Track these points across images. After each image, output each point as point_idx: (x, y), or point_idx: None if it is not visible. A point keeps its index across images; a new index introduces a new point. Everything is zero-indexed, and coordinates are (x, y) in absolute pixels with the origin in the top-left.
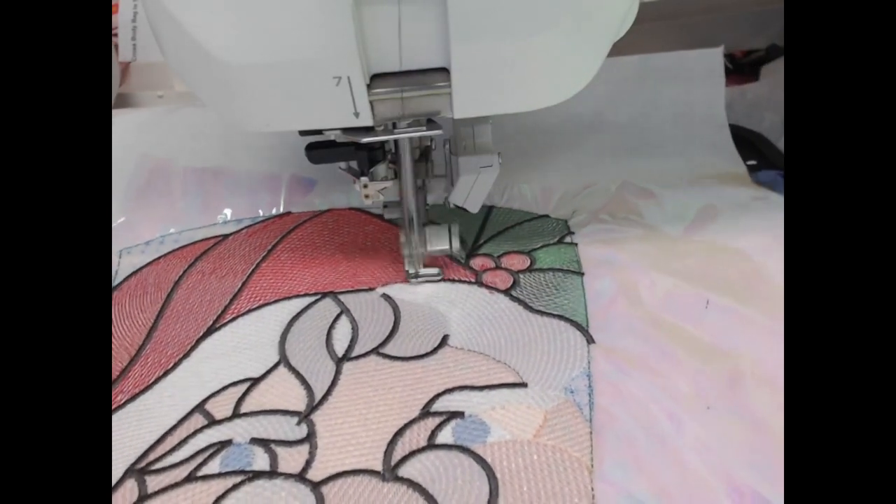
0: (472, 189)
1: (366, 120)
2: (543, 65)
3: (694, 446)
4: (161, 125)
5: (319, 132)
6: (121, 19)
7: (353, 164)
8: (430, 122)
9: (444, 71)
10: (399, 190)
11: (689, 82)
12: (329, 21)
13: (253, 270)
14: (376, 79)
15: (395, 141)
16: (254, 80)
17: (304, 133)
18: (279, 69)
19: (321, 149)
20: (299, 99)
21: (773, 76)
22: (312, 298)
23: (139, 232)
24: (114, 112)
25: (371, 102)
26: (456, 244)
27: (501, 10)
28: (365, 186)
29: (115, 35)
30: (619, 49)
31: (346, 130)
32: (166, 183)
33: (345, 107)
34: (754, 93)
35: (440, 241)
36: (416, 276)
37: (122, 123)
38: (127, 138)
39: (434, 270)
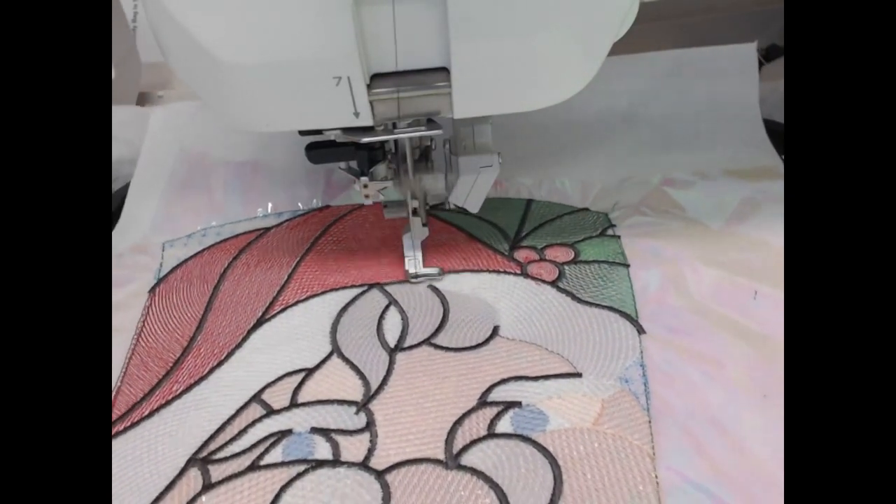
0: (472, 189)
1: (366, 120)
2: (543, 65)
3: (752, 433)
4: (198, 119)
5: (319, 132)
6: None
7: (353, 164)
8: (430, 122)
9: (444, 71)
10: (399, 190)
11: (723, 77)
12: (329, 21)
13: (298, 263)
14: (376, 79)
15: (395, 141)
16: (254, 80)
17: (304, 133)
18: (279, 69)
19: (321, 149)
20: (299, 99)
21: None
22: (360, 290)
23: (181, 225)
24: (150, 107)
25: (371, 102)
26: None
27: (501, 10)
28: (365, 186)
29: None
30: (619, 48)
31: (346, 130)
32: (206, 177)
33: (345, 107)
34: None
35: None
36: (416, 276)
37: (160, 118)
38: (165, 133)
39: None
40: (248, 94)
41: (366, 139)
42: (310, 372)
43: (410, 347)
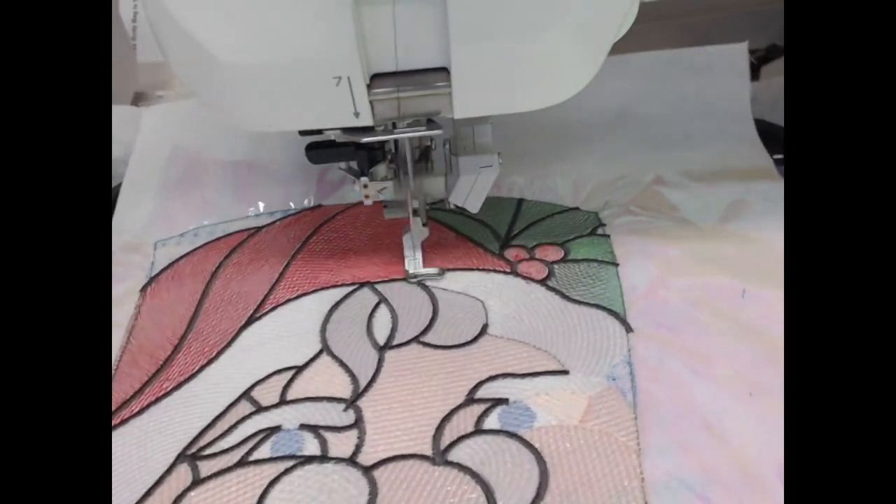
0: (472, 189)
1: (366, 120)
2: (543, 65)
3: (738, 430)
4: (192, 118)
5: (319, 132)
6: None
7: (353, 164)
8: (430, 122)
9: (444, 71)
10: (399, 190)
11: (714, 77)
12: (329, 21)
13: (289, 262)
14: (376, 79)
15: (395, 141)
16: (254, 80)
17: (304, 133)
18: (279, 69)
19: (321, 149)
20: (299, 99)
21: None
22: (350, 288)
23: (173, 224)
24: (143, 106)
25: (371, 102)
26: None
27: (501, 11)
28: (365, 186)
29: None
30: (620, 48)
31: (346, 130)
32: (198, 176)
33: (345, 107)
34: (778, 86)
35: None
36: (416, 276)
37: (153, 116)
38: (158, 132)
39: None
40: (248, 94)
41: (366, 139)
42: (299, 370)
43: (399, 345)
